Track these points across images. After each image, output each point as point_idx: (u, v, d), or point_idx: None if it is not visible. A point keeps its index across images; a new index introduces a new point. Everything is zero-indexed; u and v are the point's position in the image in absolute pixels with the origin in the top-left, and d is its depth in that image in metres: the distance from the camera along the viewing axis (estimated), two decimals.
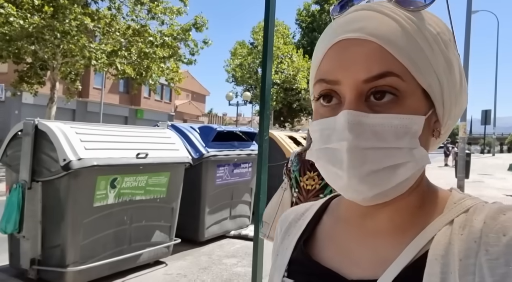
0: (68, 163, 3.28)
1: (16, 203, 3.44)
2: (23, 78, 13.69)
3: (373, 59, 0.45)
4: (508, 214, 0.45)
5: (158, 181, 4.15)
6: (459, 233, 0.46)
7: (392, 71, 0.45)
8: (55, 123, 3.57)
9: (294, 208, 0.67)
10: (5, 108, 21.13)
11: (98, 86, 25.32)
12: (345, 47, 0.47)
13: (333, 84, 0.47)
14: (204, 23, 13.60)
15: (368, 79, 0.45)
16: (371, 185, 0.46)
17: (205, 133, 5.25)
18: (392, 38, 0.45)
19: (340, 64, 0.47)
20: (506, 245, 0.42)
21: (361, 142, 0.45)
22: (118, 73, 13.16)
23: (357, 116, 0.45)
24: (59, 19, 10.63)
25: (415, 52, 0.46)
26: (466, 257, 0.43)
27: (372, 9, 0.48)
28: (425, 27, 0.47)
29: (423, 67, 0.46)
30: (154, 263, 4.35)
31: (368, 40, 0.46)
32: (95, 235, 3.60)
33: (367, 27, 0.46)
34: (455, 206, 0.49)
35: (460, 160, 11.14)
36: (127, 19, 13.27)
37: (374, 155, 0.45)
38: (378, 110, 0.46)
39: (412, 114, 0.46)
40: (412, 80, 0.46)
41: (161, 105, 33.22)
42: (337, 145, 0.46)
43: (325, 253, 0.55)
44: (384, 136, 0.45)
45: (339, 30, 0.48)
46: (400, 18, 0.47)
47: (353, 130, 0.44)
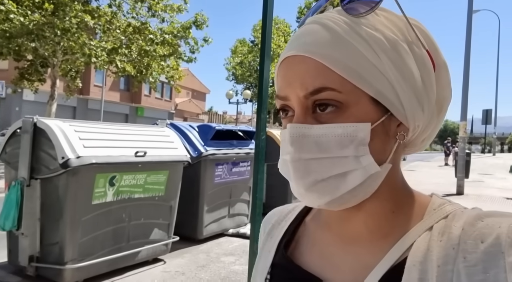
0: (66, 161, 3.29)
1: (15, 200, 3.46)
2: (23, 75, 13.71)
3: (308, 76, 0.47)
4: (486, 220, 0.45)
5: (157, 179, 4.16)
6: (438, 239, 0.46)
7: (326, 86, 0.46)
8: (54, 121, 3.58)
9: (278, 209, 0.67)
10: (6, 105, 21.16)
11: (98, 84, 25.36)
12: (288, 65, 0.49)
13: (284, 100, 0.50)
14: (205, 21, 13.60)
15: (305, 95, 0.47)
16: (319, 193, 0.47)
17: (204, 132, 5.26)
18: (325, 52, 0.46)
19: (286, 82, 0.49)
20: (484, 252, 0.42)
21: (302, 154, 0.47)
22: (118, 71, 13.16)
23: (300, 128, 0.47)
24: (60, 16, 10.64)
25: (354, 61, 0.46)
26: (445, 263, 0.44)
27: (315, 22, 0.49)
28: (369, 33, 0.47)
29: (366, 75, 0.46)
30: (153, 261, 4.37)
31: (306, 57, 0.47)
32: (93, 232, 3.61)
33: (306, 43, 0.48)
34: (435, 212, 0.50)
35: (460, 160, 11.14)
36: (127, 16, 13.27)
37: (318, 165, 0.47)
38: (324, 121, 0.47)
39: (357, 122, 0.46)
40: (353, 89, 0.46)
41: (161, 103, 33.24)
42: (285, 157, 0.49)
43: (307, 257, 0.56)
44: (327, 146, 0.46)
45: (287, 47, 0.51)
46: (339, 27, 0.47)
47: (294, 143, 0.47)
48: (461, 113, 11.33)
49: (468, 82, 11.24)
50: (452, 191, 10.74)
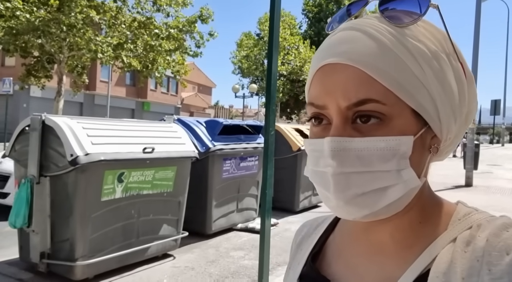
0: (75, 158, 3.30)
1: (25, 197, 3.48)
2: (30, 72, 13.78)
3: (351, 86, 0.45)
4: (511, 230, 0.44)
5: (165, 175, 4.16)
6: (463, 250, 0.45)
7: (371, 97, 0.45)
8: (62, 119, 3.58)
9: (309, 221, 0.68)
10: (14, 101, 21.30)
11: (105, 79, 25.43)
12: (328, 73, 0.47)
13: (321, 109, 0.48)
14: (210, 15, 13.52)
15: (348, 106, 0.46)
16: (359, 207, 0.47)
17: (211, 127, 5.24)
18: (371, 61, 0.45)
19: (325, 90, 0.47)
20: (509, 264, 0.41)
21: (344, 168, 0.45)
22: (124, 66, 13.18)
23: (341, 142, 0.45)
24: (65, 12, 10.65)
25: (399, 73, 0.45)
26: (469, 276, 0.43)
27: (356, 29, 0.48)
28: (412, 43, 0.46)
29: (409, 87, 0.45)
30: (162, 256, 4.39)
31: (348, 65, 0.45)
32: (103, 229, 3.63)
33: (348, 51, 0.46)
34: (460, 222, 0.49)
35: (468, 151, 11.03)
36: (132, 11, 13.23)
37: (359, 179, 0.46)
38: (365, 133, 0.46)
39: (400, 135, 0.45)
40: (397, 101, 0.45)
41: (167, 98, 33.29)
42: (324, 169, 0.47)
43: (333, 268, 0.56)
44: (369, 160, 0.45)
45: (324, 53, 0.48)
46: (384, 37, 0.46)
47: (335, 157, 0.45)
48: None
49: (476, 72, 11.08)
50: (461, 183, 10.65)
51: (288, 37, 23.41)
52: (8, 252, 4.34)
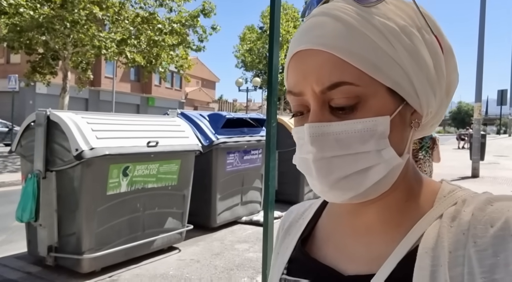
0: (80, 153, 3.33)
1: (32, 192, 3.53)
2: (35, 68, 13.84)
3: (324, 70, 0.45)
4: (495, 204, 0.45)
5: (169, 168, 4.19)
6: (449, 225, 0.46)
7: (343, 80, 0.45)
8: (66, 114, 3.62)
9: (295, 207, 0.69)
10: (20, 98, 21.47)
11: (109, 75, 25.51)
12: (301, 59, 0.48)
13: (299, 95, 0.49)
14: (212, 8, 13.46)
15: (322, 90, 0.46)
16: (343, 190, 0.47)
17: (214, 121, 5.26)
18: (340, 44, 0.45)
19: (300, 77, 0.48)
20: (494, 236, 0.42)
21: (325, 153, 0.46)
22: (128, 61, 13.19)
23: (319, 127, 0.46)
24: (68, 8, 10.66)
25: (370, 53, 0.45)
26: (456, 249, 0.44)
27: (325, 14, 0.48)
28: (382, 22, 0.46)
29: (382, 66, 0.45)
30: (168, 249, 4.44)
31: (321, 50, 0.46)
32: (109, 222, 3.67)
33: (318, 36, 0.46)
34: (445, 199, 0.50)
35: (475, 142, 10.95)
36: (135, 7, 13.22)
37: (341, 162, 0.46)
38: (342, 117, 0.46)
39: (377, 115, 0.46)
40: (371, 81, 0.45)
41: (171, 93, 33.33)
42: (306, 156, 0.48)
43: (323, 251, 0.56)
44: (348, 143, 0.46)
45: (297, 41, 0.49)
46: (351, 19, 0.46)
47: (315, 142, 0.46)
48: (476, 95, 11.08)
49: (482, 62, 10.96)
50: (467, 174, 10.59)
51: (292, 30, 23.27)
52: (16, 246, 4.41)
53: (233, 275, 3.88)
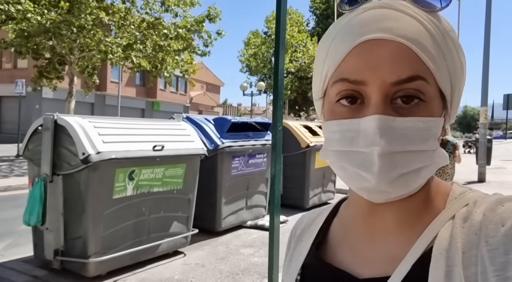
0: (87, 157, 3.35)
1: (39, 196, 3.55)
2: (42, 73, 13.99)
3: (401, 61, 0.44)
4: (506, 204, 0.46)
5: (175, 172, 4.20)
6: (461, 226, 0.47)
7: (420, 74, 0.45)
8: (73, 118, 3.64)
9: (306, 214, 0.69)
10: (27, 103, 21.63)
11: (115, 80, 25.67)
12: (371, 48, 0.45)
13: (358, 84, 0.46)
14: (217, 14, 13.55)
15: (397, 82, 0.45)
16: (398, 187, 0.46)
17: (219, 125, 5.27)
18: (419, 40, 0.45)
19: (367, 65, 0.45)
20: (505, 235, 0.43)
21: (392, 147, 0.45)
22: (134, 66, 13.28)
23: (387, 121, 0.44)
24: (75, 14, 10.77)
25: (438, 54, 0.46)
26: (469, 249, 0.45)
27: (393, 8, 0.47)
28: (445, 30, 0.47)
29: (442, 70, 0.47)
30: (173, 253, 4.44)
31: (395, 41, 0.45)
32: (115, 226, 3.68)
33: (394, 27, 0.45)
34: (457, 201, 0.50)
35: (481, 146, 10.87)
36: (141, 12, 13.32)
37: (403, 159, 0.45)
38: (404, 113, 0.45)
39: (433, 116, 0.47)
40: (434, 82, 0.46)
41: (176, 97, 33.47)
42: (366, 149, 0.45)
43: (337, 255, 0.56)
44: (411, 140, 0.45)
45: (362, 30, 0.46)
46: (423, 19, 0.46)
47: (384, 135, 0.44)
48: (481, 99, 11.02)
49: (488, 66, 10.90)
50: (474, 179, 10.51)
51: (296, 35, 23.33)
52: (23, 250, 4.43)
53: (238, 280, 3.87)
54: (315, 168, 6.74)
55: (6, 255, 4.48)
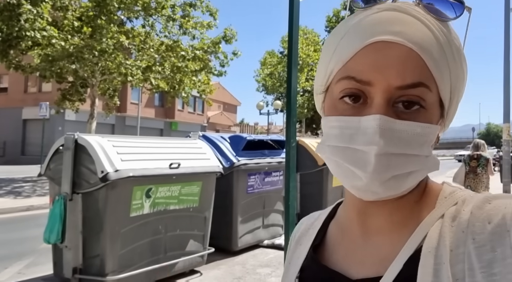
0: (105, 175, 3.42)
1: (59, 214, 3.62)
2: (65, 96, 14.50)
3: (408, 66, 0.45)
4: (493, 202, 0.47)
5: (191, 190, 4.23)
6: (450, 225, 0.48)
7: (424, 82, 0.46)
8: (93, 137, 3.74)
9: (305, 219, 0.70)
10: (50, 125, 22.35)
11: (135, 101, 26.30)
12: (381, 49, 0.46)
13: (364, 84, 0.47)
14: (233, 35, 13.88)
15: (401, 86, 0.45)
16: (389, 188, 0.47)
17: (235, 143, 5.30)
18: (428, 47, 0.46)
19: (375, 66, 0.46)
20: (491, 232, 0.44)
21: (390, 148, 0.45)
22: (153, 87, 13.64)
23: (388, 122, 0.45)
24: (97, 38, 11.21)
25: (443, 64, 0.47)
26: (456, 247, 0.45)
27: (406, 12, 0.48)
28: (452, 39, 0.48)
29: (445, 79, 0.48)
30: (189, 272, 4.41)
31: (405, 45, 0.45)
32: (132, 244, 3.71)
33: (404, 32, 0.46)
34: (446, 200, 0.51)
35: (505, 164, 10.52)
36: (160, 35, 13.78)
37: (398, 161, 0.46)
38: (404, 118, 0.46)
39: (431, 123, 0.48)
40: (436, 91, 0.47)
41: (194, 117, 33.95)
42: (364, 148, 0.46)
43: (333, 257, 0.57)
44: (408, 143, 0.46)
45: (373, 30, 0.47)
46: (433, 27, 0.47)
47: (383, 135, 0.45)
48: (504, 115, 10.75)
49: (509, 80, 10.66)
50: None
51: (312, 54, 23.54)
52: (43, 268, 4.49)
53: None
54: (333, 186, 6.65)
55: (27, 273, 4.55)
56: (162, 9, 12.68)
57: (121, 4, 11.81)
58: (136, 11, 12.66)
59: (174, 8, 13.03)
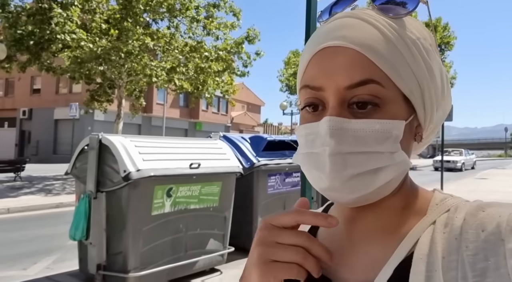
0: (128, 174, 3.50)
1: (84, 211, 3.74)
2: (94, 97, 14.97)
3: (354, 66, 0.46)
4: (487, 210, 0.46)
5: (211, 190, 4.27)
6: (442, 231, 0.47)
7: (373, 78, 0.46)
8: (116, 137, 3.84)
9: None
10: (80, 125, 23.13)
11: (160, 102, 26.82)
12: (328, 55, 0.48)
13: (317, 90, 0.48)
14: (256, 35, 13.90)
15: (350, 86, 0.46)
16: (353, 188, 0.47)
17: (255, 143, 5.31)
18: (373, 45, 0.46)
19: (323, 71, 0.48)
20: (485, 241, 0.43)
21: (342, 147, 0.46)
22: (177, 88, 13.85)
23: (339, 122, 0.46)
24: (123, 40, 11.50)
25: (396, 59, 0.47)
26: (449, 254, 0.45)
27: (355, 17, 0.49)
28: (406, 34, 0.48)
29: (404, 74, 0.47)
30: (209, 271, 4.46)
31: (350, 48, 0.47)
32: (153, 242, 3.78)
33: (349, 35, 0.47)
34: (438, 207, 0.51)
35: None
36: (184, 36, 13.98)
37: (356, 159, 0.46)
38: (360, 117, 0.47)
39: (393, 119, 0.47)
40: (393, 86, 0.47)
41: (218, 117, 34.26)
42: (320, 150, 0.47)
43: (322, 262, 0.56)
44: (365, 141, 0.46)
45: (322, 38, 0.49)
46: (382, 26, 0.48)
47: (334, 135, 0.45)
48: None
49: None
50: None
51: None
52: (70, 264, 4.66)
53: None
54: None
55: (54, 268, 4.73)
56: (186, 11, 12.85)
57: (146, 6, 12.06)
58: (161, 13, 12.89)
59: (198, 9, 13.18)
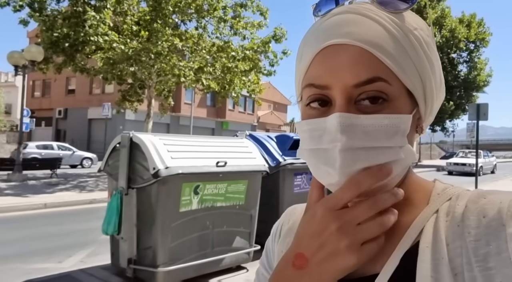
0: (157, 171, 3.61)
1: (116, 207, 3.88)
2: (125, 97, 15.42)
3: (361, 64, 0.46)
4: (488, 197, 0.47)
5: (237, 188, 4.32)
6: (444, 219, 0.48)
7: (380, 76, 0.46)
8: (146, 136, 3.96)
9: (298, 206, 0.68)
10: (112, 124, 23.89)
11: (188, 101, 27.28)
12: (333, 53, 0.48)
13: (323, 89, 0.48)
14: (283, 34, 13.85)
15: (357, 84, 0.46)
16: None
17: (281, 142, 5.32)
18: (378, 42, 0.46)
19: (329, 70, 0.47)
20: (486, 226, 0.44)
21: (354, 142, 0.46)
22: (204, 88, 14.03)
23: (349, 118, 0.46)
24: (153, 41, 11.78)
25: (401, 56, 0.47)
26: (453, 241, 0.46)
27: (357, 12, 0.49)
28: (409, 29, 0.49)
29: (408, 70, 0.48)
30: (236, 268, 4.51)
31: (355, 45, 0.46)
32: (181, 238, 3.87)
33: (354, 32, 0.47)
34: (439, 196, 0.52)
35: None
36: (212, 37, 14.14)
37: (366, 154, 0.46)
38: (369, 112, 0.47)
39: (400, 114, 0.48)
40: (397, 82, 0.48)
41: (244, 117, 34.44)
42: (329, 146, 0.47)
43: None
44: (375, 136, 0.46)
45: (325, 35, 0.49)
46: (385, 21, 0.48)
47: (345, 131, 0.46)
48: None
49: None
50: None
51: None
52: (102, 258, 4.84)
53: None
54: None
55: (87, 262, 4.93)
56: (214, 11, 12.99)
57: (175, 8, 12.28)
58: (190, 14, 13.10)
59: (225, 9, 13.30)
